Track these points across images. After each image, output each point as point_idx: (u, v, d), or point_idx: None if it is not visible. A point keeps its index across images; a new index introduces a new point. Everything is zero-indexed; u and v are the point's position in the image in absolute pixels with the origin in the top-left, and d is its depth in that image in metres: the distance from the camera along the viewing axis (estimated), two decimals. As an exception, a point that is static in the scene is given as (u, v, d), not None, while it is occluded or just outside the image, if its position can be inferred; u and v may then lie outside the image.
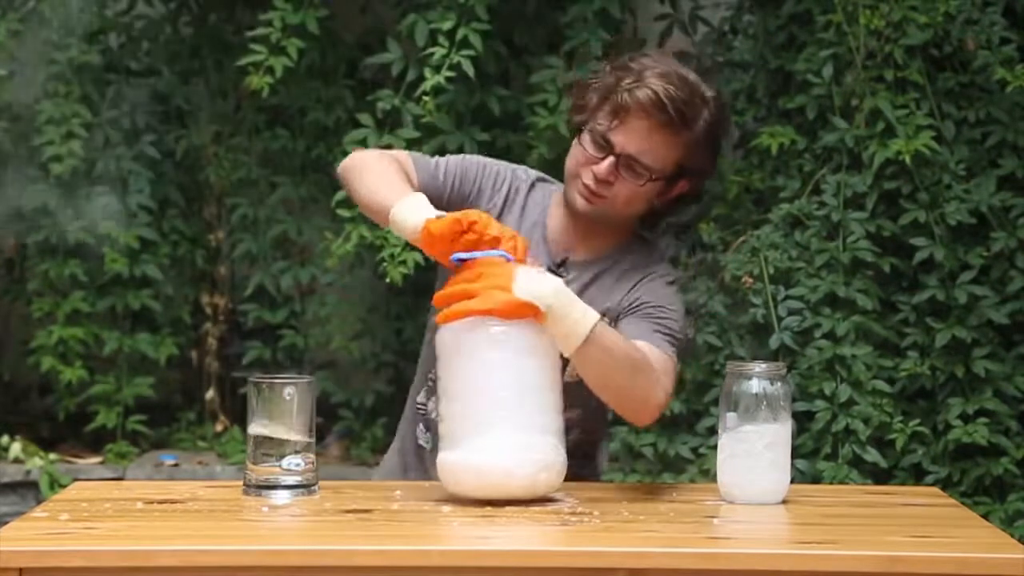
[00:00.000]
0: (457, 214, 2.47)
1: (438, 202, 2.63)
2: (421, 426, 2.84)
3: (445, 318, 2.44)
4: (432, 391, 2.73)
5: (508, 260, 2.45)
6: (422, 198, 2.55)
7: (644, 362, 2.54)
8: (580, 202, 2.69)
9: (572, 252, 2.77)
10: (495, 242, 2.47)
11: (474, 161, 2.82)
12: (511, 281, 2.42)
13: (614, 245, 2.78)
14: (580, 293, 2.59)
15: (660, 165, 2.66)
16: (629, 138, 2.64)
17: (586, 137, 2.68)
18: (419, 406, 2.85)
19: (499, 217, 2.73)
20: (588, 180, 2.67)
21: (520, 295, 2.41)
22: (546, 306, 2.42)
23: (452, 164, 2.79)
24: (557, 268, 2.74)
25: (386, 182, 2.61)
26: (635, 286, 2.72)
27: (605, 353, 2.48)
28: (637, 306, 2.69)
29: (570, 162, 2.71)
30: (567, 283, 2.53)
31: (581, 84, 2.76)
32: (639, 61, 2.68)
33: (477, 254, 2.44)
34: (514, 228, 2.66)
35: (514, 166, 2.84)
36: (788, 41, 4.69)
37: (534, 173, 2.84)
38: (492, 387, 2.42)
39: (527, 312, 2.41)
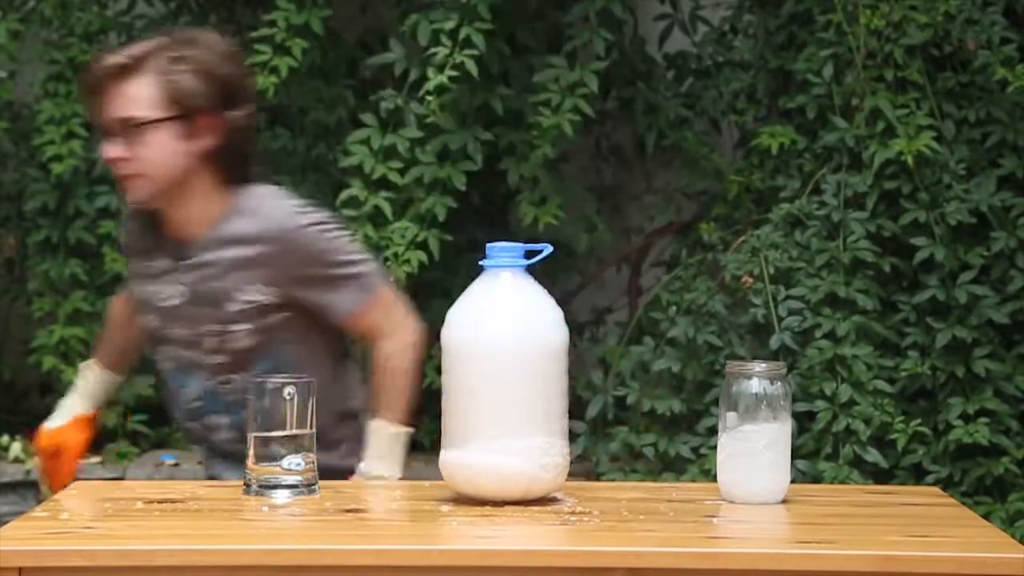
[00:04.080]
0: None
1: None
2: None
3: None
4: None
5: None
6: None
7: (405, 366, 2.84)
8: (131, 195, 2.82)
9: (183, 238, 2.84)
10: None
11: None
12: None
13: (219, 212, 2.83)
14: (225, 272, 2.78)
15: (141, 110, 2.76)
16: (104, 111, 2.79)
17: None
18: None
19: (139, 255, 2.92)
20: (115, 169, 2.81)
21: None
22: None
23: None
24: (182, 260, 2.83)
25: None
26: (285, 261, 2.80)
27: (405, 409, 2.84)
28: (314, 277, 2.81)
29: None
30: (197, 266, 2.77)
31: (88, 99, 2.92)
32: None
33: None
34: (155, 256, 2.87)
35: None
36: (788, 41, 4.69)
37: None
38: (506, 390, 2.42)
39: None
